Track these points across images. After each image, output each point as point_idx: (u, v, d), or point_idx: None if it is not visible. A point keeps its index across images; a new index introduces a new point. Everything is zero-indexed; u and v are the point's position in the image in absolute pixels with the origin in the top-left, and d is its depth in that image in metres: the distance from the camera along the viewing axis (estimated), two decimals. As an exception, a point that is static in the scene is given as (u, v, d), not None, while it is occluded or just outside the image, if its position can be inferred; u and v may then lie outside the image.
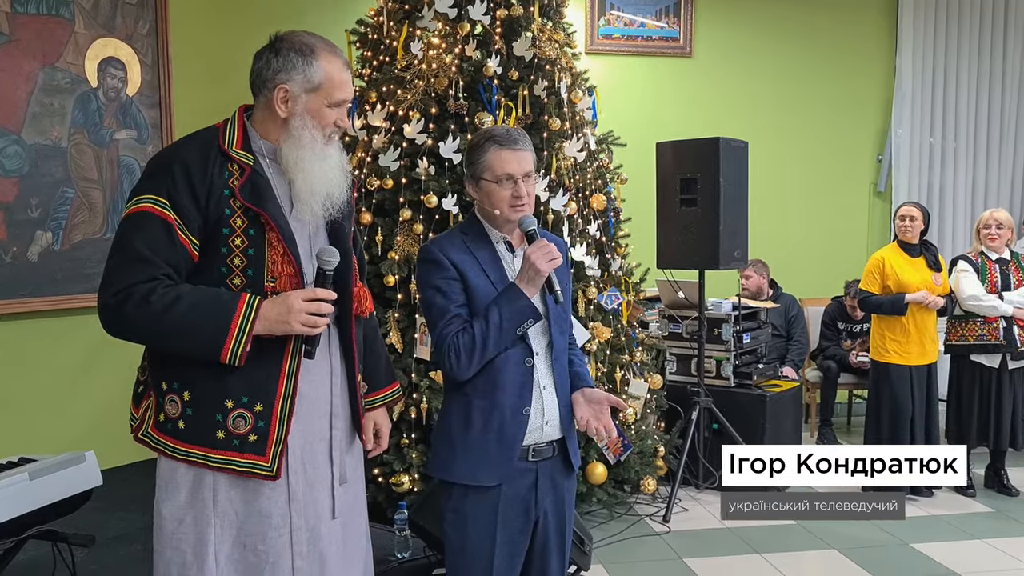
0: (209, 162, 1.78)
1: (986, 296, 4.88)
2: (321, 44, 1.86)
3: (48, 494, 2.31)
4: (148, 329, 1.73)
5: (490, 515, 2.22)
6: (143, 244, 1.72)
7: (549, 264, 2.13)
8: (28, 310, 4.25)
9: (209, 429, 1.78)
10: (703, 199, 4.77)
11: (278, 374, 1.82)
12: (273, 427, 1.81)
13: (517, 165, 2.18)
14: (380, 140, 4.57)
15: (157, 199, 1.74)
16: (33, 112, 4.26)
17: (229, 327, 1.73)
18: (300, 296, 1.78)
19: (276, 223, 1.80)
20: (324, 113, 1.86)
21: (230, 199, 1.78)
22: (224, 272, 1.79)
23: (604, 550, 4.22)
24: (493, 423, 2.19)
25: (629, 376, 4.78)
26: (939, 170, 7.07)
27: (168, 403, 1.80)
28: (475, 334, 2.12)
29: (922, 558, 4.15)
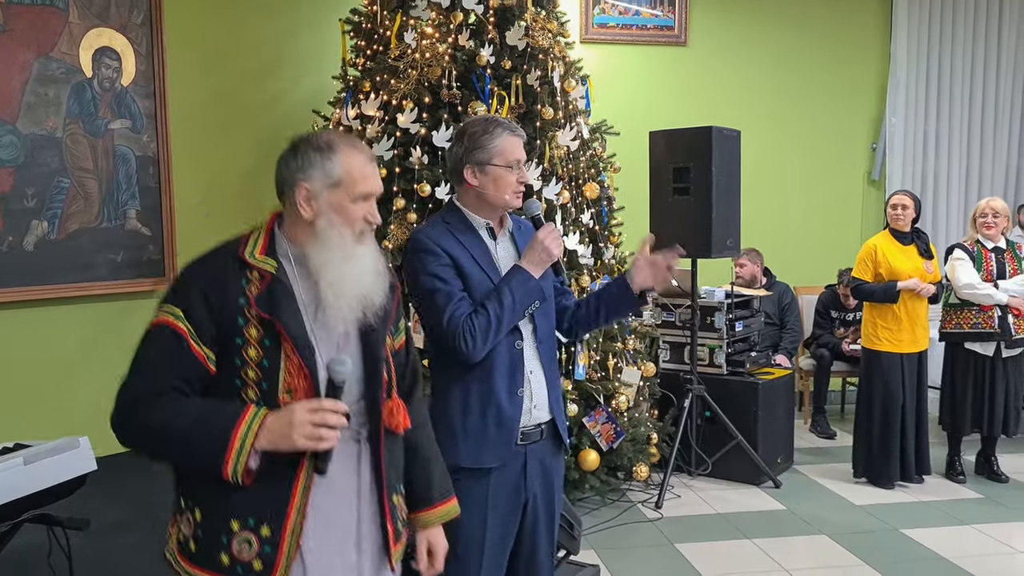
0: (226, 270, 1.70)
1: (981, 284, 4.91)
2: (341, 139, 1.76)
3: (43, 479, 2.34)
4: (153, 441, 1.65)
5: (481, 498, 2.27)
6: (157, 356, 1.66)
7: (559, 248, 2.22)
8: (25, 299, 4.27)
9: (215, 552, 1.65)
10: (696, 188, 4.79)
11: (289, 494, 1.66)
12: (281, 554, 1.65)
13: (522, 151, 2.27)
14: (374, 129, 4.59)
15: (173, 311, 1.67)
16: (28, 102, 4.27)
17: (229, 441, 1.60)
18: (304, 408, 1.63)
19: (290, 333, 1.67)
20: (349, 209, 1.72)
21: (244, 308, 1.68)
22: (238, 385, 1.67)
23: (596, 536, 4.27)
24: (491, 406, 2.25)
25: (622, 364, 4.81)
26: (933, 158, 7.08)
27: (184, 521, 1.71)
28: (490, 315, 2.18)
29: (911, 543, 4.20)
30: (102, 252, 4.57)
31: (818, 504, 4.75)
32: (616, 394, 4.65)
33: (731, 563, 3.98)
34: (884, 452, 4.93)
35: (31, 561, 2.65)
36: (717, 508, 4.70)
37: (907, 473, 4.96)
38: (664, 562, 4.00)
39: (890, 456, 4.92)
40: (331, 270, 1.71)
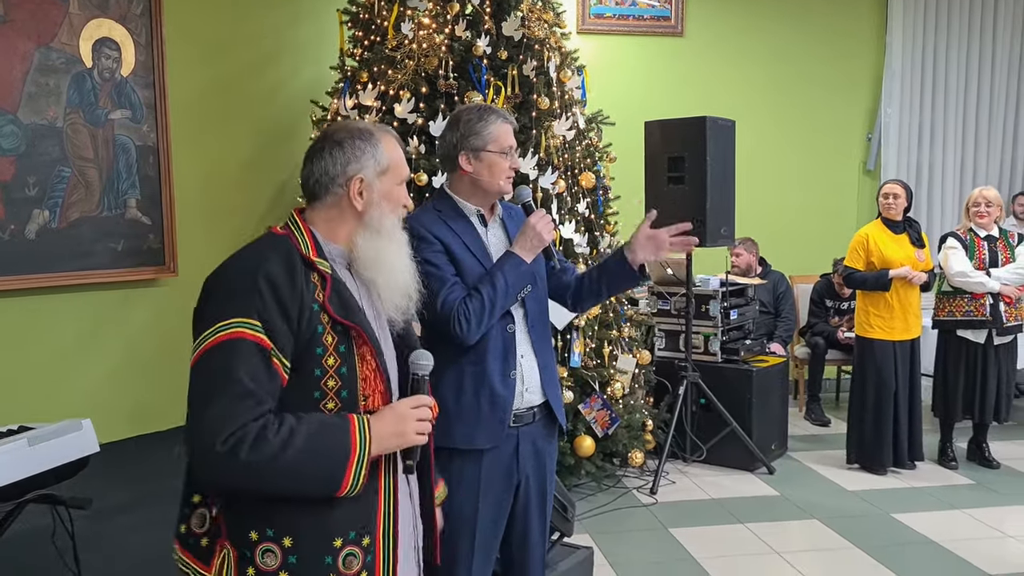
0: (296, 274, 1.57)
1: (974, 273, 4.95)
2: (375, 127, 1.72)
3: (47, 460, 2.39)
4: (263, 473, 1.48)
5: (474, 479, 2.32)
6: (247, 376, 1.49)
7: (551, 234, 2.27)
8: (26, 287, 4.31)
9: (321, 575, 1.58)
10: (690, 177, 4.84)
11: (376, 499, 1.62)
12: (379, 559, 1.62)
13: (514, 139, 2.33)
14: (371, 119, 4.63)
15: (248, 322, 1.51)
16: (29, 92, 4.31)
17: (348, 456, 1.52)
18: (406, 405, 1.62)
19: (369, 336, 1.62)
20: (397, 193, 1.71)
21: (320, 314, 1.57)
22: (317, 397, 1.57)
23: (592, 521, 4.33)
24: (484, 388, 2.30)
25: (617, 351, 4.86)
26: (928, 148, 7.13)
27: (263, 555, 1.55)
28: (484, 298, 2.23)
29: (902, 527, 4.26)
30: (102, 241, 4.61)
31: (811, 490, 4.81)
32: (611, 381, 4.70)
33: (724, 547, 4.04)
34: (877, 438, 4.98)
35: (36, 541, 2.70)
36: (711, 494, 4.76)
37: (900, 459, 5.02)
38: (658, 546, 4.06)
39: (883, 442, 4.97)
40: (387, 259, 1.68)
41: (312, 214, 1.69)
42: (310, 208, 1.70)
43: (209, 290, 1.59)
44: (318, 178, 1.67)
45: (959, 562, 3.84)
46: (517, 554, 2.48)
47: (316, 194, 1.68)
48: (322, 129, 1.74)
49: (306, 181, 1.69)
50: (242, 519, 1.57)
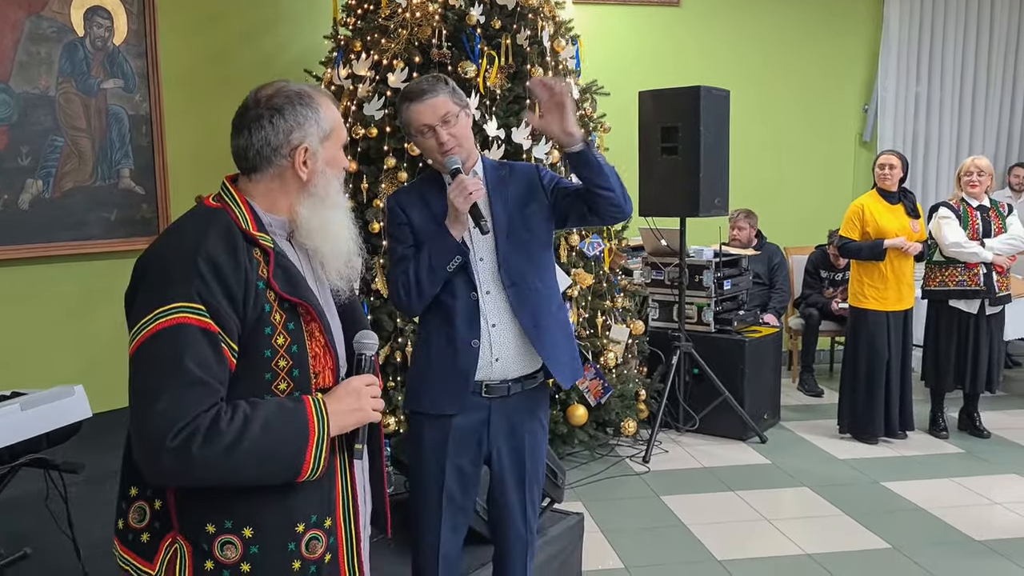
0: (239, 252, 1.47)
1: (968, 243, 4.96)
2: (308, 86, 1.61)
3: (39, 424, 2.42)
4: (218, 467, 1.39)
5: (441, 443, 2.34)
6: (195, 364, 1.39)
7: (466, 200, 2.19)
8: (20, 257, 4.33)
9: (284, 562, 1.51)
10: (684, 148, 4.83)
11: (334, 480, 1.57)
12: (341, 539, 1.58)
13: (432, 113, 2.23)
14: (365, 89, 4.61)
15: (191, 307, 1.40)
16: (20, 61, 4.30)
17: (308, 439, 1.45)
18: (360, 382, 1.56)
19: (317, 312, 1.54)
20: (339, 157, 1.62)
21: (266, 292, 1.48)
22: (269, 379, 1.49)
23: (584, 489, 4.37)
24: (448, 354, 2.31)
25: (611, 321, 4.88)
26: (924, 120, 7.12)
27: (221, 547, 1.47)
28: (409, 274, 2.26)
29: (890, 495, 4.30)
30: (96, 211, 4.62)
31: (802, 458, 4.85)
32: (604, 351, 4.73)
33: (714, 513, 4.08)
34: (868, 408, 5.02)
35: (30, 505, 2.74)
36: (703, 462, 4.80)
37: (891, 429, 5.06)
38: (649, 513, 4.10)
39: (874, 412, 5.01)
40: (332, 227, 1.60)
41: (249, 185, 1.58)
42: (247, 179, 1.58)
43: (144, 274, 1.47)
44: (258, 149, 1.54)
45: (946, 528, 3.89)
46: (498, 519, 2.50)
47: (256, 166, 1.56)
48: (253, 94, 1.58)
49: (243, 152, 1.56)
50: (196, 511, 1.48)
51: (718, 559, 3.59)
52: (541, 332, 2.35)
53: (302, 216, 1.58)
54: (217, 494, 1.47)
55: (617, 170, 5.33)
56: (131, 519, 1.53)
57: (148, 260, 1.50)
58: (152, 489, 1.51)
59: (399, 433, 4.24)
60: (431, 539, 2.40)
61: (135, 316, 1.45)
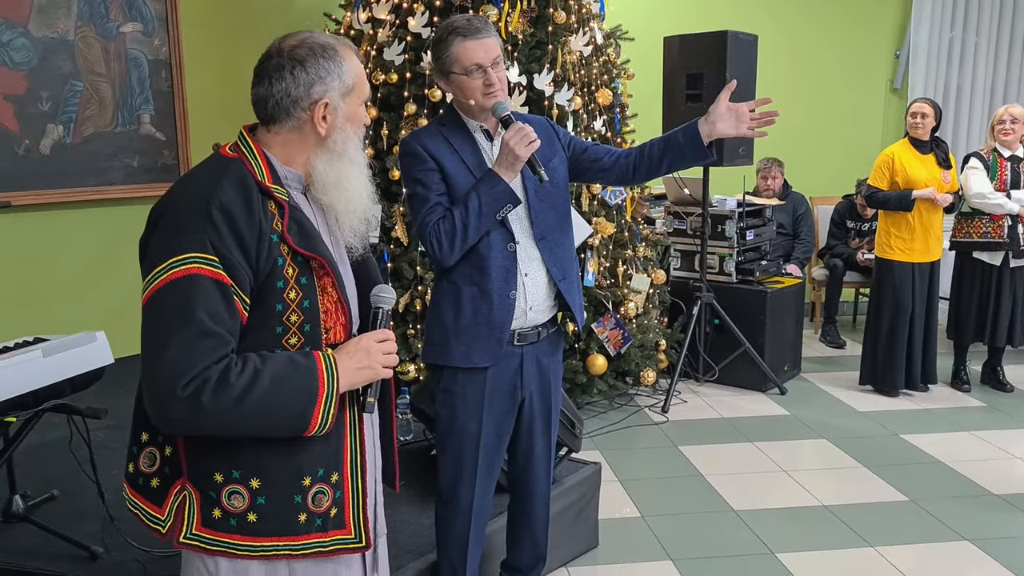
0: (253, 204, 1.46)
1: (992, 194, 4.86)
2: (334, 39, 1.57)
3: (62, 370, 2.45)
4: (227, 417, 1.40)
5: (478, 395, 2.32)
6: (206, 315, 1.39)
7: (528, 148, 2.15)
8: (43, 202, 4.35)
9: (290, 514, 1.53)
10: (708, 95, 4.73)
11: (342, 434, 1.58)
12: (348, 494, 1.59)
13: (484, 53, 2.19)
14: (385, 34, 4.55)
15: (205, 257, 1.40)
16: (39, 4, 4.26)
17: (316, 395, 1.46)
18: (372, 338, 1.55)
19: (331, 266, 1.54)
20: (360, 113, 1.60)
21: (279, 245, 1.48)
22: (280, 333, 1.49)
23: (603, 438, 4.40)
24: (483, 308, 2.26)
25: (632, 271, 4.85)
26: (957, 67, 6.93)
27: (229, 496, 1.50)
28: (455, 220, 2.17)
29: (909, 447, 4.29)
30: (117, 156, 4.62)
31: (821, 410, 4.84)
32: (625, 301, 4.71)
33: (731, 463, 4.09)
34: (890, 360, 4.98)
35: (56, 450, 2.79)
36: (722, 413, 4.80)
37: (912, 381, 5.02)
38: (666, 462, 4.12)
39: (895, 364, 4.97)
40: (348, 183, 1.58)
41: (267, 136, 1.56)
42: (265, 129, 1.56)
43: (157, 222, 1.47)
44: (278, 100, 1.52)
45: (964, 481, 3.87)
46: (522, 469, 2.52)
47: (274, 117, 1.54)
48: (276, 43, 1.54)
49: (262, 101, 1.53)
50: (205, 460, 1.50)
51: (735, 509, 3.61)
52: (569, 284, 2.38)
53: (318, 170, 1.56)
54: (226, 444, 1.49)
55: (641, 116, 5.25)
56: (142, 464, 1.56)
57: (163, 208, 1.49)
58: (163, 435, 1.54)
59: (419, 380, 4.27)
60: (465, 497, 2.39)
61: (148, 265, 1.45)
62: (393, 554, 2.61)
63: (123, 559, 2.53)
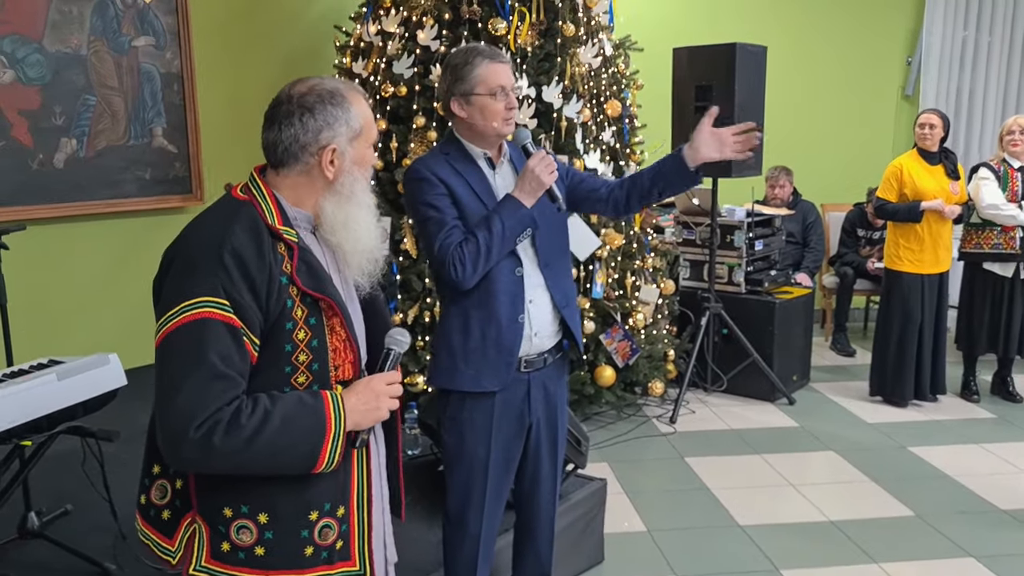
0: (264, 247, 1.50)
1: (1006, 205, 4.85)
2: (342, 84, 1.62)
3: (76, 394, 2.49)
4: (237, 457, 1.45)
5: (486, 422, 2.35)
6: (218, 358, 1.44)
7: (551, 176, 2.21)
8: (56, 215, 4.40)
9: (297, 548, 1.57)
10: (717, 106, 4.73)
11: (350, 470, 1.63)
12: (354, 527, 1.64)
13: (507, 77, 2.24)
14: (394, 46, 4.58)
15: (216, 301, 1.45)
16: (53, 20, 4.31)
17: (324, 434, 1.50)
18: (381, 380, 1.60)
19: (339, 307, 1.58)
20: (367, 156, 1.65)
21: (289, 287, 1.52)
22: (288, 372, 1.53)
23: (610, 449, 4.42)
24: (491, 331, 2.29)
25: (640, 282, 4.87)
26: (970, 73, 6.90)
27: (238, 531, 1.55)
28: (479, 242, 2.20)
29: (916, 460, 4.29)
30: (130, 169, 4.67)
31: (830, 421, 4.85)
32: (633, 312, 4.73)
33: (737, 476, 4.11)
34: (899, 371, 4.98)
35: (71, 465, 2.83)
36: (730, 424, 4.82)
37: (921, 392, 5.02)
38: (673, 474, 4.14)
39: (905, 375, 4.97)
40: (355, 225, 1.62)
41: (277, 179, 1.60)
42: (275, 173, 1.60)
43: (171, 265, 1.51)
44: (287, 146, 1.56)
45: (971, 496, 3.88)
46: (528, 491, 2.55)
47: (284, 161, 1.58)
48: (287, 89, 1.60)
49: (272, 146, 1.58)
50: (215, 495, 1.55)
51: (740, 524, 3.62)
52: (572, 311, 2.43)
53: (327, 212, 1.60)
54: (235, 480, 1.53)
55: (652, 127, 5.24)
56: (153, 496, 1.61)
57: (176, 251, 1.53)
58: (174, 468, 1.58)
59: (427, 392, 4.30)
60: (473, 522, 2.41)
61: (162, 307, 1.49)
62: (400, 572, 2.65)
63: (135, 574, 2.58)
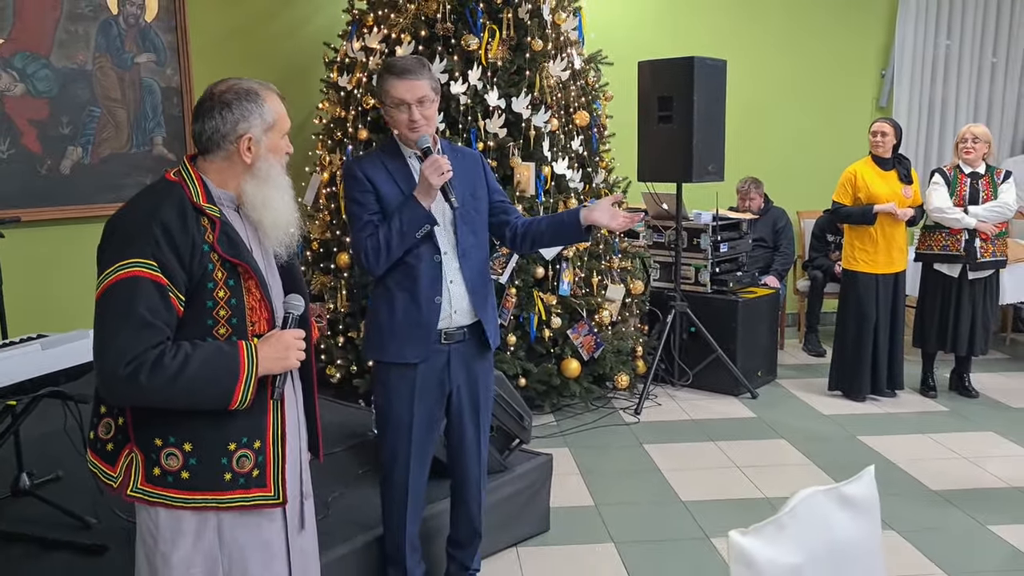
0: (188, 220, 1.79)
1: (950, 209, 5.10)
2: (257, 84, 1.92)
3: (57, 361, 2.83)
4: (162, 392, 1.74)
5: (409, 388, 2.66)
6: (146, 310, 1.72)
7: (440, 178, 2.49)
8: (62, 217, 4.78)
9: (217, 473, 1.85)
10: (678, 116, 5.05)
11: (265, 410, 1.90)
12: (269, 458, 1.91)
13: (409, 93, 2.52)
14: (375, 61, 4.93)
15: (146, 262, 1.74)
16: (60, 38, 4.71)
17: (238, 376, 1.79)
18: (290, 335, 1.88)
19: (255, 271, 1.87)
20: (280, 145, 1.93)
21: (210, 254, 1.81)
22: (210, 324, 1.83)
23: (574, 436, 4.70)
24: (412, 310, 2.61)
25: (607, 281, 5.16)
26: (942, 85, 7.15)
27: (166, 458, 1.83)
28: (380, 237, 2.52)
29: (864, 448, 4.53)
30: (132, 175, 5.05)
31: (787, 413, 5.10)
32: (600, 309, 5.02)
33: (688, 460, 4.37)
34: (856, 367, 5.22)
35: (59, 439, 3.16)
36: (691, 415, 5.08)
37: (878, 387, 5.26)
38: (629, 458, 4.41)
39: (862, 371, 5.21)
40: (273, 203, 1.90)
41: (204, 164, 1.90)
42: (202, 159, 1.90)
43: (110, 233, 1.81)
44: (210, 135, 1.86)
45: (907, 478, 4.12)
46: (456, 454, 2.85)
47: (208, 149, 1.88)
48: (210, 88, 1.92)
49: (199, 136, 1.88)
50: (148, 428, 1.83)
51: (682, 500, 3.89)
52: (479, 298, 2.70)
53: (247, 193, 1.90)
54: (165, 415, 1.82)
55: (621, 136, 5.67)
56: (100, 431, 1.91)
57: (115, 223, 1.83)
58: (116, 408, 1.89)
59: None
60: (400, 475, 2.72)
61: (101, 267, 1.79)
62: (348, 529, 2.96)
63: (111, 527, 2.90)
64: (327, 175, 5.12)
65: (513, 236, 2.80)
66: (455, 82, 4.71)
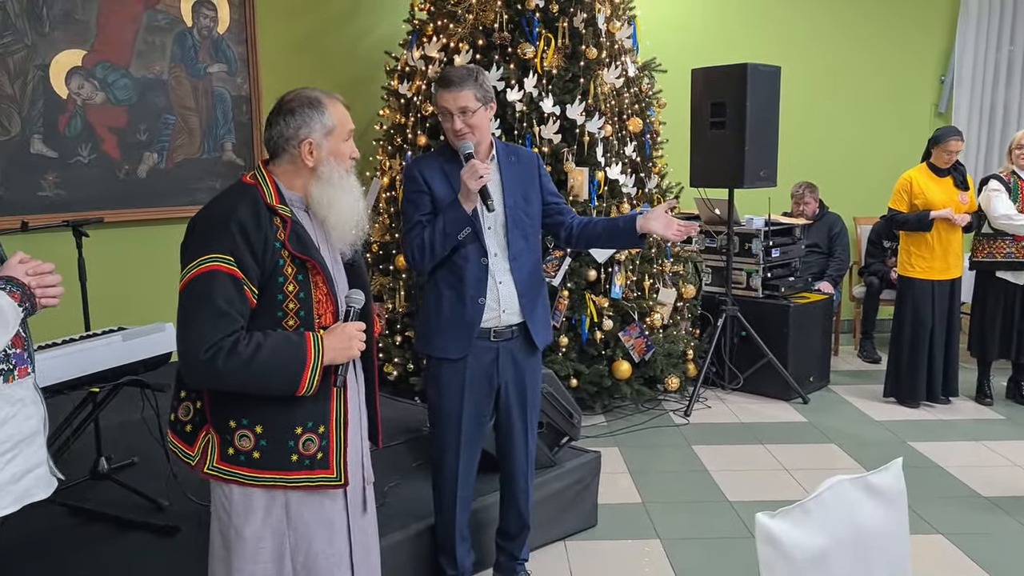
0: (261, 219, 1.94)
1: (1017, 215, 5.06)
2: (321, 93, 2.07)
3: (137, 352, 3.05)
4: (237, 376, 1.90)
5: (459, 382, 2.81)
6: (223, 301, 1.88)
7: (477, 183, 2.61)
8: (139, 219, 5.05)
9: (284, 455, 2.00)
10: (730, 122, 5.11)
11: (329, 398, 2.05)
12: (332, 443, 2.05)
13: (452, 103, 2.67)
14: (434, 69, 5.10)
15: (224, 258, 1.90)
16: (139, 50, 4.98)
17: (305, 363, 1.93)
18: (353, 327, 2.02)
19: (322, 267, 2.02)
20: (343, 149, 2.07)
21: (281, 251, 1.96)
22: (280, 316, 1.98)
23: (625, 436, 4.80)
24: (457, 308, 2.76)
25: (659, 284, 5.24)
26: (1003, 90, 7.06)
27: (239, 439, 1.99)
28: (424, 238, 2.68)
29: (914, 453, 4.53)
30: (204, 180, 5.30)
31: (839, 418, 5.12)
32: (651, 312, 5.10)
33: (736, 461, 4.43)
34: (911, 373, 5.21)
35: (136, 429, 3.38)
36: (741, 418, 5.13)
37: (933, 394, 5.24)
38: (677, 458, 4.49)
39: (917, 377, 5.20)
40: (337, 204, 2.03)
41: (274, 167, 2.07)
42: (273, 163, 2.07)
43: (192, 230, 2.00)
44: (276, 140, 2.03)
45: (957, 484, 4.12)
46: (504, 447, 2.98)
47: (276, 152, 2.05)
48: (281, 97, 2.09)
49: (268, 141, 2.06)
50: (223, 411, 2.00)
51: (729, 500, 3.96)
52: (528, 301, 2.83)
53: (312, 194, 2.05)
54: (238, 400, 1.97)
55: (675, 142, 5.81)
56: (180, 414, 2.08)
57: (196, 221, 2.02)
58: (196, 392, 2.06)
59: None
60: (450, 464, 2.87)
61: (184, 262, 1.97)
62: (403, 517, 3.11)
63: (183, 510, 3.09)
64: (387, 179, 5.31)
65: (568, 236, 2.93)
66: (511, 89, 4.85)
